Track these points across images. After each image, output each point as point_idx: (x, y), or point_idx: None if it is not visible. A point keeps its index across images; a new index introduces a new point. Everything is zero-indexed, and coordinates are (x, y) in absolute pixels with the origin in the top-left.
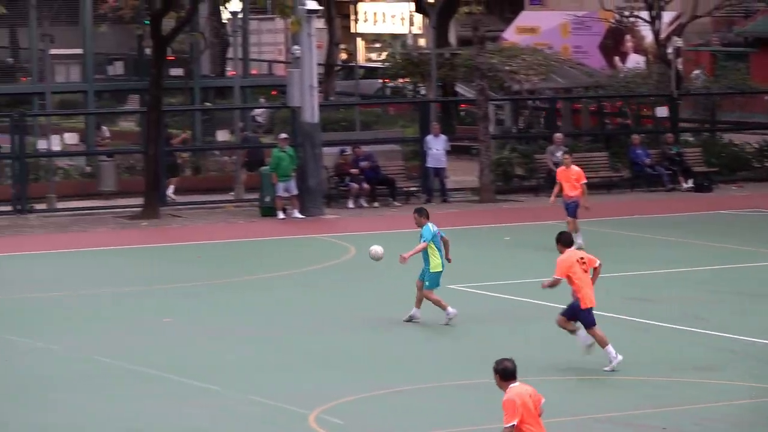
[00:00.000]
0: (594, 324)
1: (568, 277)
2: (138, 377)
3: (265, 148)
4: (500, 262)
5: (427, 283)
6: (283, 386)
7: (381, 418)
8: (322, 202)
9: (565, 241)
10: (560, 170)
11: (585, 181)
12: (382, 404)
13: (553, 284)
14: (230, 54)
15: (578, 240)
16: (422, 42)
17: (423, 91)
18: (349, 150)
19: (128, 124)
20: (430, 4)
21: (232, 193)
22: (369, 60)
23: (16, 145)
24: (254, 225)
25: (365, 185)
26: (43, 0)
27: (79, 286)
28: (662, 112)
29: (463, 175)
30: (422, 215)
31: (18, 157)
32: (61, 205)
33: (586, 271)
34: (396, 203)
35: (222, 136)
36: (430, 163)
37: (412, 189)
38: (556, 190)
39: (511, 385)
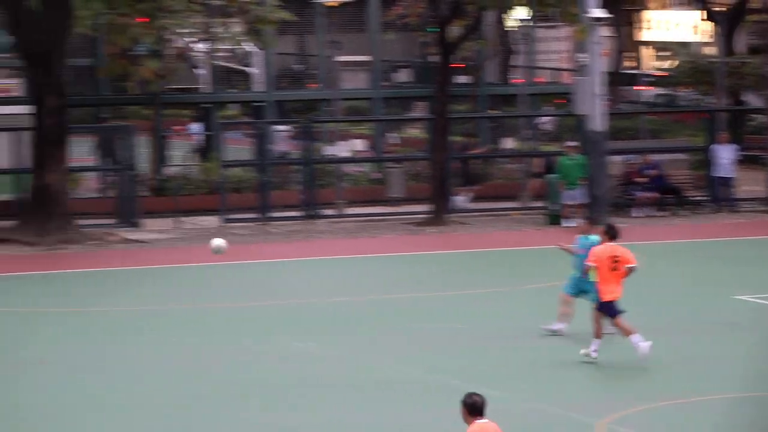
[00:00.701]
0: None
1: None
2: (421, 384)
3: (552, 155)
4: None
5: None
6: (569, 393)
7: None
8: (608, 210)
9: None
10: None
11: None
12: (673, 415)
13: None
14: (515, 61)
15: None
16: (708, 50)
17: (708, 100)
18: (635, 158)
19: (415, 131)
20: (719, 12)
21: (519, 201)
22: (651, 68)
23: (305, 151)
24: (540, 233)
25: (652, 194)
26: (331, 8)
27: (369, 292)
28: None
29: (753, 185)
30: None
31: (307, 163)
32: (349, 210)
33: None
34: (683, 212)
35: (508, 143)
36: (718, 173)
37: (698, 198)
38: None
39: (477, 421)
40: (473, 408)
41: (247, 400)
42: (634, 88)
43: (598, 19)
